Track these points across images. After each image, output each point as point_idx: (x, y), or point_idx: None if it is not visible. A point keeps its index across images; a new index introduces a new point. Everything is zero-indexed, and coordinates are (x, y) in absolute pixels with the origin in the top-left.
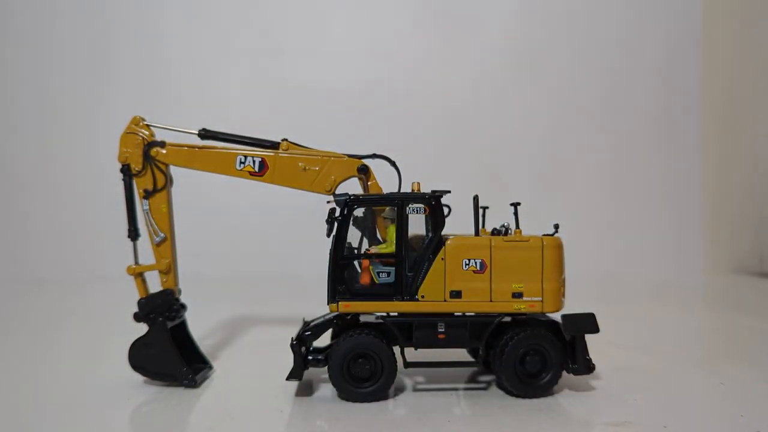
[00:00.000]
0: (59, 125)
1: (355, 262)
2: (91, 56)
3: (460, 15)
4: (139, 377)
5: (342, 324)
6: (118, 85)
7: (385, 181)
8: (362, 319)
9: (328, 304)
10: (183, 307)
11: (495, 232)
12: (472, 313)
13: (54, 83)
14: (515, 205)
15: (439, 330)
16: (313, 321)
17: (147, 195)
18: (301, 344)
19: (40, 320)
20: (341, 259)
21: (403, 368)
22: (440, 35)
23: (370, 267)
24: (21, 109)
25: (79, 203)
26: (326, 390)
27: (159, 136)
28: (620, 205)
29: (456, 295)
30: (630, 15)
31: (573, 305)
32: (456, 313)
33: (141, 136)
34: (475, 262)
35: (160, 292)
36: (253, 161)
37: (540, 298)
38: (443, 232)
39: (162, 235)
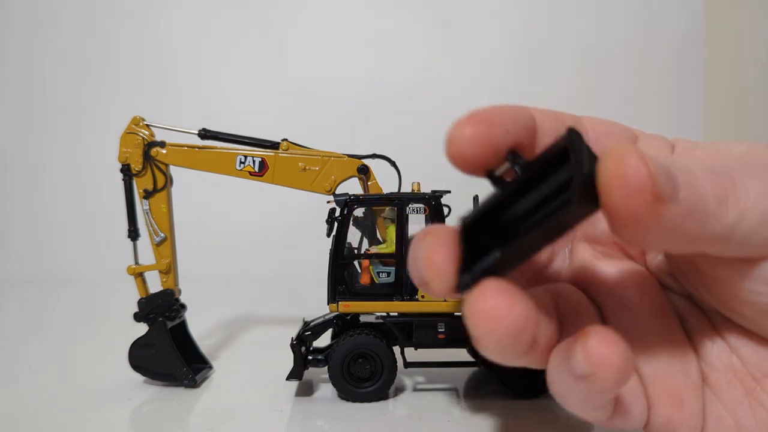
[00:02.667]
0: (59, 125)
1: (355, 262)
2: (91, 56)
3: (461, 15)
4: (139, 377)
5: (342, 324)
6: (119, 85)
7: (385, 181)
8: (362, 319)
9: (328, 304)
10: (183, 307)
11: None
12: None
13: (54, 83)
14: None
15: (439, 330)
16: (313, 321)
17: (147, 195)
18: (301, 344)
19: (39, 320)
20: (341, 259)
21: (403, 368)
22: (441, 35)
23: (370, 267)
24: (20, 109)
25: (79, 203)
26: (326, 390)
27: (159, 136)
28: None
29: None
30: (630, 15)
31: None
32: (456, 313)
33: (141, 136)
34: None
35: (160, 292)
36: (253, 161)
37: None
38: None
39: (162, 235)
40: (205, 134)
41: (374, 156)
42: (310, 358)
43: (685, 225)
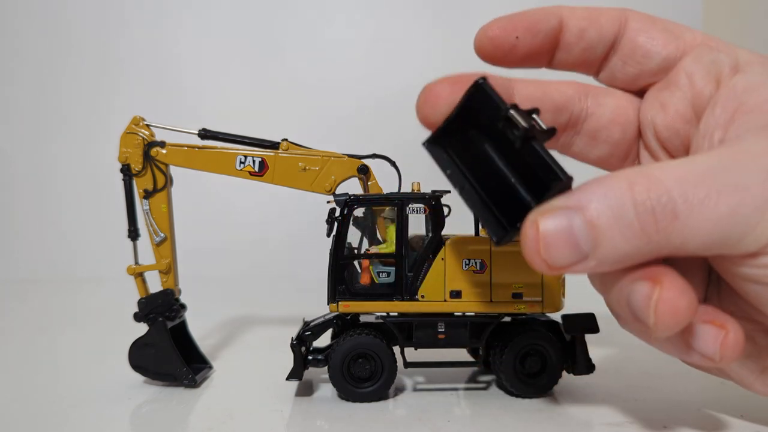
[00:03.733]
0: (59, 124)
1: (355, 262)
2: (91, 56)
3: (461, 14)
4: (139, 377)
5: (342, 324)
6: (119, 85)
7: (385, 181)
8: (362, 319)
9: (328, 304)
10: (183, 307)
11: None
12: (472, 313)
13: (54, 82)
14: None
15: (439, 330)
16: (313, 321)
17: (147, 195)
18: (301, 344)
19: (39, 320)
20: (341, 259)
21: (403, 368)
22: (440, 34)
23: (370, 267)
24: (21, 108)
25: (79, 203)
26: (326, 390)
27: (159, 136)
28: None
29: (456, 295)
30: None
31: (573, 305)
32: (456, 313)
33: (141, 136)
34: (475, 262)
35: (160, 292)
36: (253, 161)
37: (540, 299)
38: (443, 232)
39: (162, 235)
40: (205, 134)
41: (374, 156)
42: (310, 358)
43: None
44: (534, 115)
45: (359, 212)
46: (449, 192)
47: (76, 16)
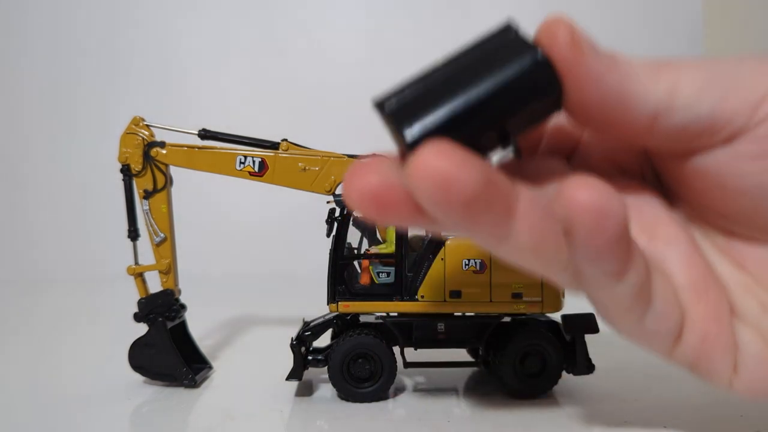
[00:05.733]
0: (60, 125)
1: (355, 262)
2: (91, 56)
3: (460, 14)
4: (139, 377)
5: (342, 324)
6: (119, 85)
7: None
8: (362, 319)
9: (327, 304)
10: (183, 307)
11: None
12: (472, 314)
13: (55, 83)
14: None
15: (439, 330)
16: (313, 321)
17: (147, 195)
18: (301, 344)
19: (40, 320)
20: (341, 259)
21: (403, 368)
22: (440, 34)
23: (370, 267)
24: (23, 109)
25: (80, 203)
26: (326, 390)
27: (159, 136)
28: None
29: (456, 295)
30: (629, 15)
31: (573, 305)
32: (456, 313)
33: (141, 137)
34: (475, 262)
35: (160, 292)
36: (253, 161)
37: (540, 299)
38: (443, 233)
39: (162, 235)
40: (205, 134)
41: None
42: (309, 358)
43: (608, 77)
44: None
45: (359, 212)
46: None
47: (76, 17)
